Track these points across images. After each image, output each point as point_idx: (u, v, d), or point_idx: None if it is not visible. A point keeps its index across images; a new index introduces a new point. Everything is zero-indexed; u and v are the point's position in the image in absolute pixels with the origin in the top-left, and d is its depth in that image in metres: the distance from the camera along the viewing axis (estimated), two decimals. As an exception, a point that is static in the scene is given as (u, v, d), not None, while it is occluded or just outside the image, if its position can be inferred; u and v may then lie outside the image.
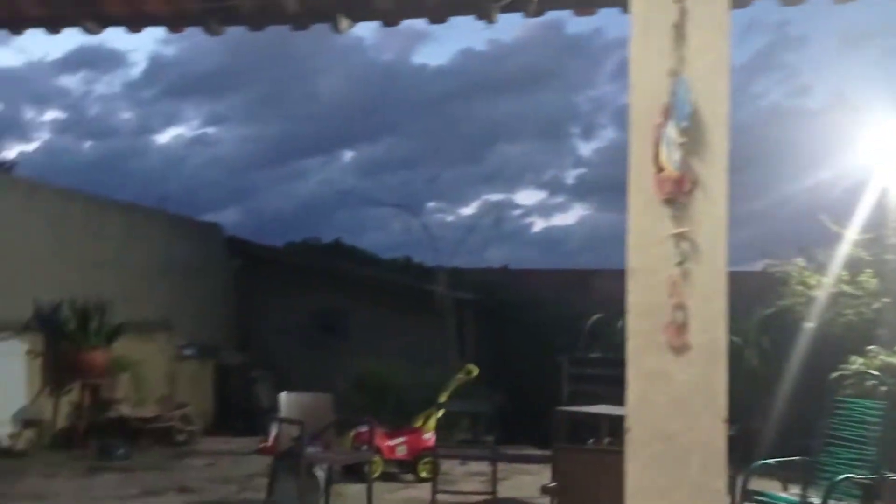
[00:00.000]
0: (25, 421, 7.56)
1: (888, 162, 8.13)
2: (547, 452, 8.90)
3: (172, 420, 9.77)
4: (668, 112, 2.02)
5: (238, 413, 11.68)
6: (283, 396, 6.54)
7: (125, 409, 9.55)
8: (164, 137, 42.77)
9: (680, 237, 2.00)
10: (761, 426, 9.24)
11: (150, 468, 8.10)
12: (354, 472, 7.47)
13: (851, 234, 8.55)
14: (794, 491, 5.03)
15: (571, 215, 41.19)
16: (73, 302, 9.44)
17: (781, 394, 9.00)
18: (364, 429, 7.28)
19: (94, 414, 9.42)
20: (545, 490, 3.17)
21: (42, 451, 8.58)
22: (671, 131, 2.00)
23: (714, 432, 2.03)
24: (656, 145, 2.03)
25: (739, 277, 2.07)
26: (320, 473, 6.34)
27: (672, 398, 2.07)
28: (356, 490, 6.92)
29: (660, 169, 2.03)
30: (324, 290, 12.71)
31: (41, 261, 9.45)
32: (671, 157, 2.00)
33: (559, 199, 38.64)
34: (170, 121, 42.40)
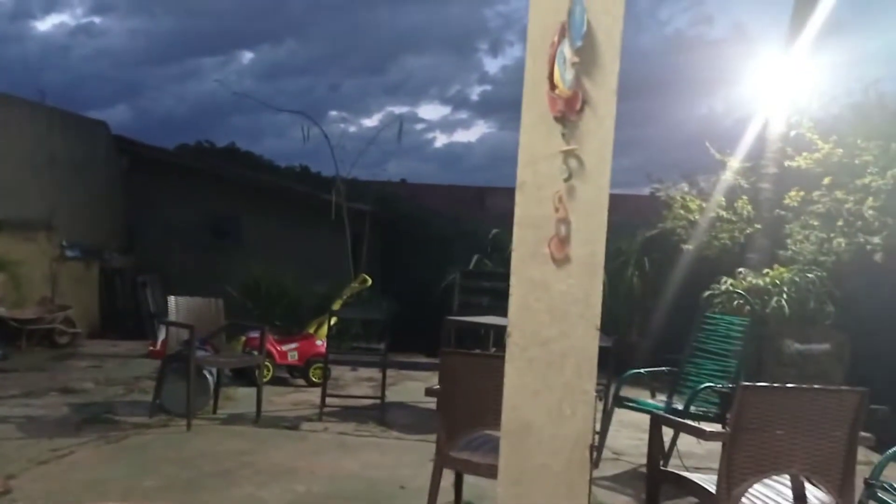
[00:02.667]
0: None
1: (771, 95, 8.55)
2: (435, 360, 9.24)
3: (54, 322, 9.44)
4: (565, 31, 2.05)
5: (125, 316, 11.42)
6: (172, 300, 6.42)
7: (2, 311, 9.14)
8: (45, 25, 39.54)
9: (568, 154, 2.07)
10: (638, 340, 9.85)
11: (31, 369, 7.86)
12: (245, 376, 7.52)
13: (734, 162, 9.01)
14: (661, 398, 5.43)
15: (473, 132, 41.26)
16: (-58, 195, 8.85)
17: (658, 310, 9.59)
18: (255, 334, 7.29)
19: (-32, 314, 9.00)
20: (429, 392, 3.31)
21: None
22: (566, 50, 2.05)
23: (588, 339, 2.15)
24: (551, 63, 2.07)
25: (627, 200, 2.15)
26: (210, 377, 6.34)
27: (550, 306, 2.18)
28: (246, 393, 6.98)
29: (553, 87, 2.07)
30: (216, 195, 12.37)
31: None
32: (564, 76, 2.05)
33: (462, 115, 38.54)
34: (51, 6, 39.16)
